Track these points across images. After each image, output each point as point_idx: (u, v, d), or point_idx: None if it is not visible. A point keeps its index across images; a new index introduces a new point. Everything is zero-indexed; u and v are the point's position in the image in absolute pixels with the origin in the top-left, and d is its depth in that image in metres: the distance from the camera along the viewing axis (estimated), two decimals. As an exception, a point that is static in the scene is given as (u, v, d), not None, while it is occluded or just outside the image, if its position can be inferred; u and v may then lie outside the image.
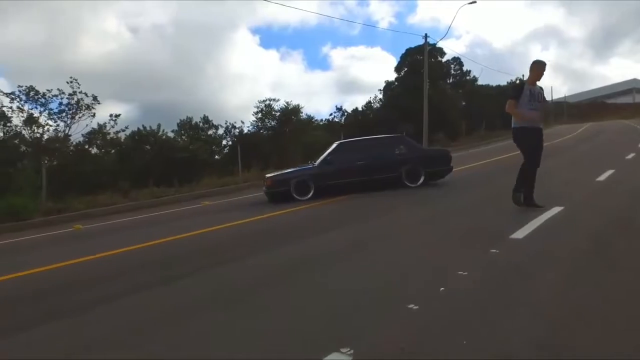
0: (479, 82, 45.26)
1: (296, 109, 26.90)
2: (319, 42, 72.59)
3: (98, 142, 25.12)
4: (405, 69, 37.88)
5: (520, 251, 4.09)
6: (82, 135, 23.82)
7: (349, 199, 9.18)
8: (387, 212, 7.38)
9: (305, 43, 71.49)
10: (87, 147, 24.78)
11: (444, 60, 41.01)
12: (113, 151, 24.23)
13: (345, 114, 36.30)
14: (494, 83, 47.20)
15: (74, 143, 22.81)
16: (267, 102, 26.59)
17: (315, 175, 9.58)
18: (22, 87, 20.89)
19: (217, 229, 7.22)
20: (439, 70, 39.66)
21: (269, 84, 59.93)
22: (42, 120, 21.58)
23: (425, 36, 26.74)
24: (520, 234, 4.69)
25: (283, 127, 26.44)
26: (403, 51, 38.46)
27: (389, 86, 38.41)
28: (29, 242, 8.34)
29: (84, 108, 22.26)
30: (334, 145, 10.19)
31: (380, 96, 37.29)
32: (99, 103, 22.81)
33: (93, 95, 22.49)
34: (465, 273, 3.49)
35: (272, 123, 26.70)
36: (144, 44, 50.41)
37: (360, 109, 38.11)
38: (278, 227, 7.13)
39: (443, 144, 29.28)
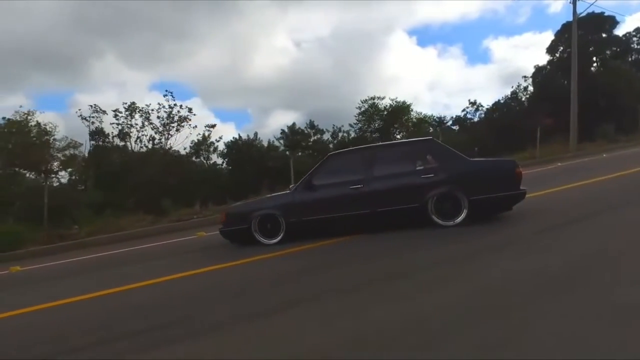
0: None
1: (405, 107, 22.94)
2: (479, 36, 64.87)
3: (202, 153, 25.15)
4: (561, 48, 30.40)
5: None
6: (190, 146, 24.07)
7: (318, 253, 5.63)
8: (347, 294, 3.68)
9: (465, 38, 64.56)
10: (193, 157, 24.96)
11: (621, 33, 31.98)
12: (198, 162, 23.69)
13: (481, 109, 30.58)
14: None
15: (174, 154, 22.98)
16: (372, 100, 23.26)
17: (288, 207, 6.23)
18: (126, 103, 21.79)
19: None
20: (610, 45, 30.93)
21: (427, 83, 55.92)
22: (148, 133, 22.37)
23: (575, -2, 20.11)
24: None
25: (389, 127, 22.80)
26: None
27: (539, 72, 31.29)
28: None
29: (179, 120, 22.38)
30: (324, 159, 6.63)
31: (525, 84, 30.40)
32: (194, 115, 22.70)
33: (188, 107, 22.39)
34: None
35: (377, 124, 23.24)
36: (308, 55, 52.23)
37: (502, 100, 31.88)
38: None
39: (610, 139, 22.14)
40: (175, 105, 21.49)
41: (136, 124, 21.58)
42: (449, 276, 3.73)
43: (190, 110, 21.92)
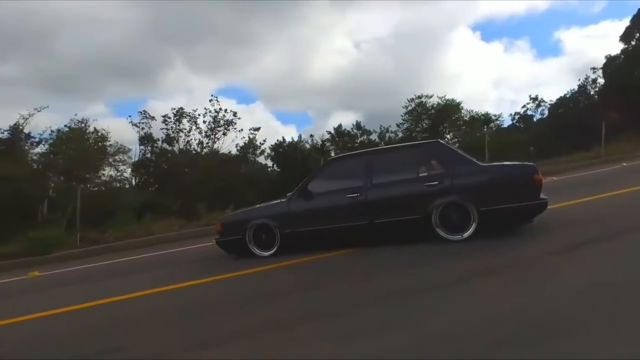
0: None
1: (454, 105, 21.70)
2: (549, 27, 60.15)
3: (249, 155, 25.37)
4: (637, 34, 27.49)
5: None
6: (236, 149, 24.38)
7: (305, 270, 5.16)
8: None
9: (533, 30, 59.98)
10: (240, 160, 25.24)
11: None
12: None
13: (543, 104, 28.28)
14: None
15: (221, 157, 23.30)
16: (419, 99, 22.22)
17: (282, 217, 5.79)
18: (174, 108, 22.43)
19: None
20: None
21: (492, 79, 53.00)
22: (196, 137, 22.92)
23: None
24: None
25: (438, 127, 21.67)
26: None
27: (611, 62, 28.48)
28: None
29: (225, 124, 22.69)
30: (323, 165, 6.16)
31: (594, 76, 27.74)
32: (239, 119, 22.92)
33: (233, 111, 22.63)
34: None
35: (424, 124, 22.16)
36: (367, 55, 51.53)
37: (568, 95, 29.36)
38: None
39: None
40: (220, 109, 21.81)
41: (184, 129, 22.13)
42: (420, 309, 3.13)
43: (235, 114, 22.15)
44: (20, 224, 13.19)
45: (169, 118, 21.76)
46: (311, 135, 24.73)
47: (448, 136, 22.07)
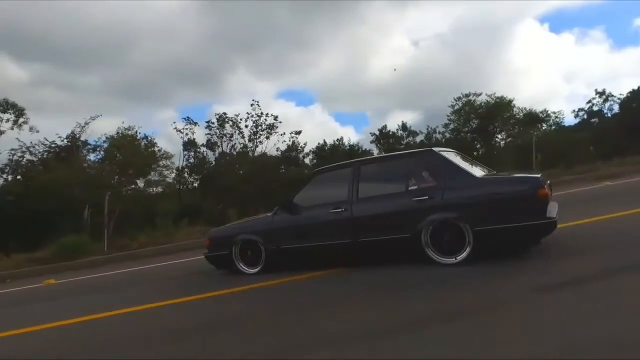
0: None
1: (505, 103, 20.20)
2: (628, 14, 54.33)
3: (292, 158, 25.29)
4: None
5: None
6: (279, 153, 24.37)
7: (274, 293, 4.73)
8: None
9: (609, 19, 54.45)
10: (283, 165, 25.20)
11: None
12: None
13: (611, 99, 25.79)
14: None
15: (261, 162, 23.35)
16: (467, 98, 20.92)
17: (267, 232, 5.39)
18: (218, 114, 22.78)
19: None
20: None
21: (563, 73, 49.19)
22: (239, 142, 23.18)
23: None
24: None
25: (487, 127, 20.28)
26: None
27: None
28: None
29: (266, 128, 22.72)
30: (311, 176, 5.67)
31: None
32: (280, 122, 22.84)
33: (273, 115, 22.58)
34: None
35: (473, 124, 20.83)
36: (426, 54, 49.85)
37: (641, 89, 26.61)
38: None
39: None
40: (262, 114, 21.89)
41: (227, 134, 22.40)
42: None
43: (275, 118, 22.14)
44: (67, 229, 13.81)
45: (213, 124, 22.11)
46: (338, 139, 24.20)
47: (499, 136, 20.66)
